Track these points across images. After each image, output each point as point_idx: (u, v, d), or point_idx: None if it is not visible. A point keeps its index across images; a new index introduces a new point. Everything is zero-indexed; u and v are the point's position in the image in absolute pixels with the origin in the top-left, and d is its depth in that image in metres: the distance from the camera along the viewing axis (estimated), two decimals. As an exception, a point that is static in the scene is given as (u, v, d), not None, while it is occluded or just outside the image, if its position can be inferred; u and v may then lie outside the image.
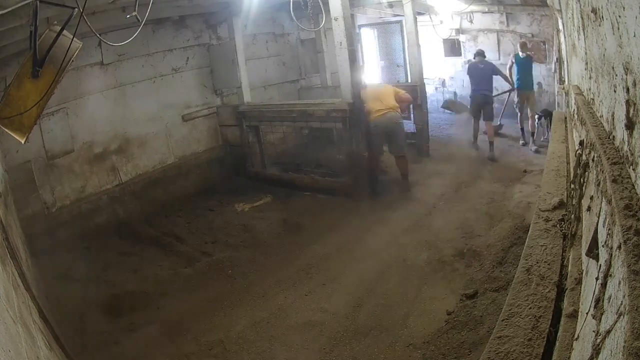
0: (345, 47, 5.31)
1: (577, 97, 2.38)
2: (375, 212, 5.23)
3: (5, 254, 2.10)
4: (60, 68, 2.53)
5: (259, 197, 6.08)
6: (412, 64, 7.30)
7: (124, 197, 5.97)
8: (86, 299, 4.05)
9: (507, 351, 1.39)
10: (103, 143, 5.81)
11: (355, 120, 5.46)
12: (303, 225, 5.16)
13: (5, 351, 1.22)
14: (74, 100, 5.44)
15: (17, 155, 4.87)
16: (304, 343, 3.17)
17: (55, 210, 5.28)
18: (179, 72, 6.68)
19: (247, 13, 6.30)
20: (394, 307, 3.42)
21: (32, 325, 1.93)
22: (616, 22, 1.12)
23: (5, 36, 3.77)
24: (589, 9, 1.58)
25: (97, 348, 3.38)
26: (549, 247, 1.94)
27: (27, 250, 3.70)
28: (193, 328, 3.51)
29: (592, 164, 1.55)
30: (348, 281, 3.89)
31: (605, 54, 1.38)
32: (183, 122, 6.75)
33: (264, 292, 3.89)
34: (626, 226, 0.91)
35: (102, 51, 5.64)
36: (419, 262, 4.04)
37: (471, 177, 6.02)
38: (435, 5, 8.09)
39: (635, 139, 1.04)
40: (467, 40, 9.30)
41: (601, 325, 0.97)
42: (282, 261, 4.39)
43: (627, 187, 1.04)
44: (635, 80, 0.99)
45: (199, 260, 4.61)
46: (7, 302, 1.55)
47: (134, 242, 5.20)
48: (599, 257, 1.21)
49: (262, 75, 7.82)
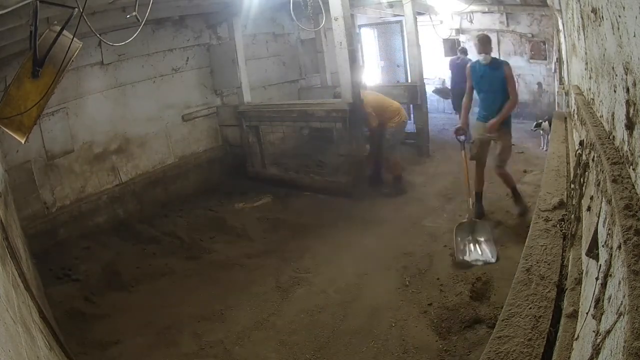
0: (345, 47, 5.31)
1: (577, 97, 2.38)
2: (376, 212, 5.23)
3: (5, 254, 2.10)
4: (60, 68, 2.52)
5: (258, 197, 6.08)
6: (412, 64, 7.30)
7: (124, 197, 5.97)
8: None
9: (507, 351, 1.39)
10: (103, 143, 5.81)
11: (355, 120, 5.46)
12: (303, 225, 5.16)
13: (5, 351, 1.22)
14: (74, 100, 5.45)
15: (17, 155, 4.87)
16: (304, 343, 3.18)
17: (55, 210, 5.28)
18: (179, 72, 6.69)
19: (247, 13, 6.30)
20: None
21: (32, 325, 1.93)
22: (616, 22, 1.12)
23: (5, 36, 3.77)
24: (589, 9, 1.58)
25: (97, 349, 3.38)
26: (549, 247, 1.94)
27: (27, 250, 3.70)
28: (192, 328, 3.51)
29: (592, 164, 1.55)
30: (348, 281, 3.89)
31: (605, 54, 1.38)
32: (183, 122, 6.75)
33: (264, 292, 3.89)
34: (626, 226, 0.91)
35: (102, 51, 5.65)
36: (417, 262, 4.04)
37: (471, 178, 6.00)
38: (435, 5, 8.09)
39: (635, 139, 1.04)
40: (467, 40, 9.31)
41: (601, 325, 0.98)
42: (282, 261, 4.39)
43: (627, 187, 1.04)
44: (635, 80, 0.99)
45: (199, 261, 4.61)
46: (7, 302, 1.55)
47: (134, 242, 5.20)
48: (599, 257, 1.21)
49: (262, 75, 7.82)
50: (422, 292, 3.56)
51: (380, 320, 3.28)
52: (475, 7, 8.25)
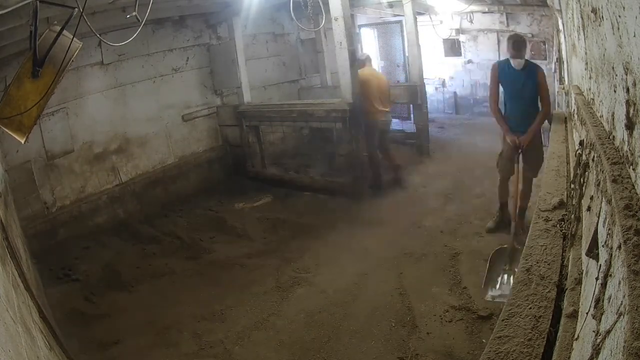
0: (345, 47, 5.31)
1: (577, 97, 2.38)
2: (376, 212, 5.23)
3: (5, 254, 2.10)
4: (60, 68, 2.52)
5: (259, 197, 6.08)
6: (412, 64, 7.29)
7: (124, 197, 5.97)
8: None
9: (507, 351, 1.39)
10: (103, 143, 5.81)
11: (355, 120, 5.46)
12: (303, 225, 5.16)
13: (5, 351, 1.22)
14: (74, 100, 5.45)
15: (17, 155, 4.88)
16: (304, 343, 3.17)
17: (55, 210, 5.28)
18: (179, 72, 6.69)
19: (247, 13, 6.30)
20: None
21: (32, 325, 1.93)
22: (616, 22, 1.12)
23: (5, 36, 3.77)
24: (589, 9, 1.58)
25: (97, 349, 3.38)
26: (549, 247, 1.94)
27: (27, 250, 3.70)
28: (192, 328, 3.51)
29: (592, 164, 1.55)
30: (348, 281, 3.88)
31: (605, 54, 1.38)
32: (183, 122, 6.75)
33: (264, 292, 3.89)
34: (626, 226, 0.91)
35: (102, 51, 5.65)
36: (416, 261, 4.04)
37: (471, 178, 6.01)
38: (435, 5, 8.08)
39: (635, 139, 1.04)
40: (467, 40, 9.31)
41: (601, 325, 0.97)
42: (282, 261, 4.39)
43: (627, 187, 1.04)
44: (635, 80, 0.99)
45: (199, 261, 4.61)
46: (7, 302, 1.55)
47: (134, 242, 5.20)
48: (599, 257, 1.21)
49: (262, 75, 7.82)
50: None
51: (380, 321, 3.29)
52: (475, 7, 8.24)
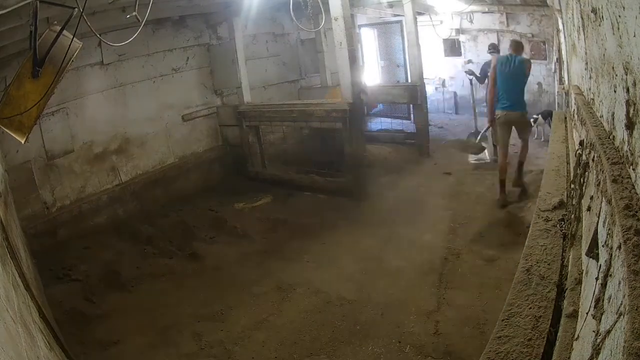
0: (345, 47, 5.31)
1: (577, 97, 2.38)
2: (375, 212, 5.22)
3: (5, 254, 2.10)
4: (60, 68, 2.52)
5: (258, 197, 6.08)
6: (412, 64, 7.30)
7: (124, 197, 5.97)
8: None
9: (507, 351, 1.39)
10: (103, 143, 5.81)
11: (355, 120, 5.46)
12: (303, 225, 5.16)
13: (5, 351, 1.22)
14: (74, 100, 5.44)
15: (17, 155, 4.87)
16: (304, 343, 3.17)
17: (55, 210, 5.28)
18: (179, 72, 6.68)
19: (247, 13, 6.30)
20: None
21: (32, 325, 1.93)
22: (616, 22, 1.12)
23: (5, 36, 3.77)
24: (589, 9, 1.58)
25: (97, 349, 3.38)
26: (549, 247, 1.94)
27: (27, 250, 3.70)
28: (192, 328, 3.51)
29: (592, 164, 1.55)
30: (348, 281, 3.88)
31: (605, 54, 1.38)
32: (183, 122, 6.75)
33: (264, 292, 3.89)
34: (626, 226, 0.91)
35: (102, 51, 5.64)
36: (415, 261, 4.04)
37: (471, 178, 6.02)
38: (435, 5, 8.08)
39: (635, 139, 1.04)
40: (467, 40, 9.30)
41: (601, 325, 0.97)
42: (282, 261, 4.39)
43: (627, 187, 1.04)
44: (635, 80, 0.99)
45: (199, 260, 4.61)
46: (7, 302, 1.55)
47: (134, 242, 5.20)
48: (599, 257, 1.21)
49: (262, 75, 7.82)
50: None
51: (380, 320, 3.28)
52: (475, 7, 8.23)
